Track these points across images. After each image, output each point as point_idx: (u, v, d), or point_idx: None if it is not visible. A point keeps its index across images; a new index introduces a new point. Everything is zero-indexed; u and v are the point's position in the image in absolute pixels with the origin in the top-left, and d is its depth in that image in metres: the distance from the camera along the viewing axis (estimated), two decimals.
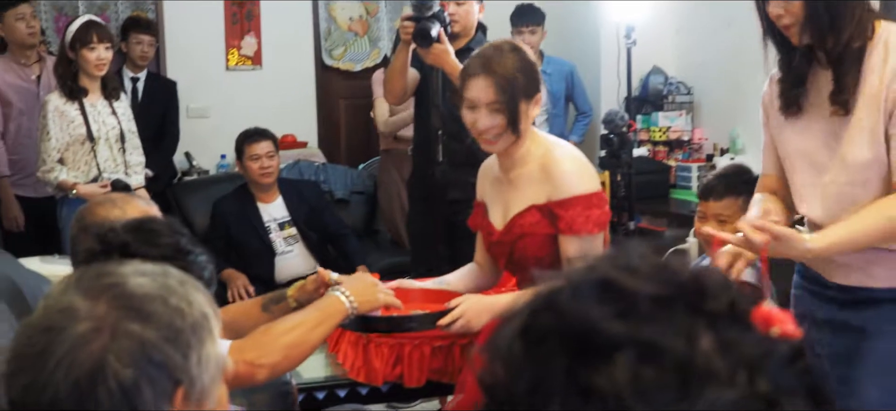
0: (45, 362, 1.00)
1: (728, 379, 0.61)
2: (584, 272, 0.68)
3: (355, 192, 5.52)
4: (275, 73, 5.90)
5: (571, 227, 2.30)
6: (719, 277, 0.68)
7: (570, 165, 2.36)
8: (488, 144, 2.37)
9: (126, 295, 1.05)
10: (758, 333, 0.65)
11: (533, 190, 2.37)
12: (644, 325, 0.63)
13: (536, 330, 0.66)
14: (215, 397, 1.11)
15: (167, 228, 1.64)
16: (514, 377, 0.65)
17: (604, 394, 0.61)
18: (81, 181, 4.00)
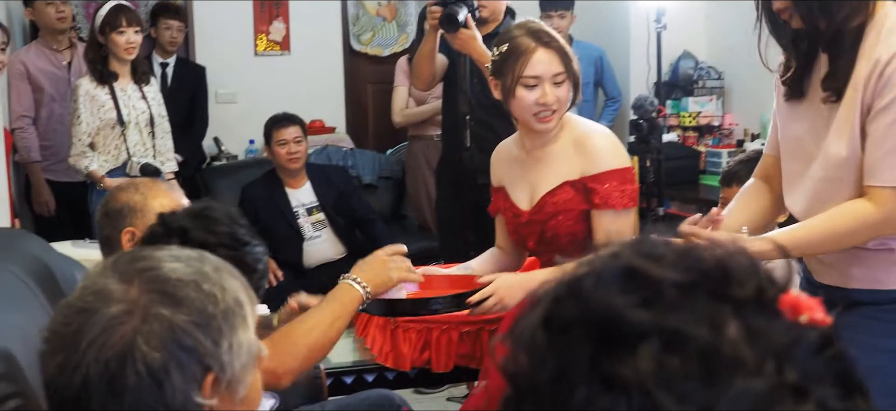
0: (78, 342, 1.01)
1: (756, 369, 0.60)
2: (608, 259, 0.67)
3: (383, 177, 5.53)
4: (303, 58, 5.91)
5: (607, 201, 2.30)
6: (746, 263, 0.66)
7: (604, 140, 2.36)
8: (545, 122, 2.31)
9: (159, 279, 1.05)
10: (786, 320, 0.64)
11: (565, 166, 2.35)
12: (668, 314, 0.62)
13: (559, 319, 0.65)
14: (247, 384, 1.11)
15: (226, 217, 1.66)
16: (537, 366, 0.65)
17: (628, 384, 0.60)
18: (111, 165, 4.03)
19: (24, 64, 4.57)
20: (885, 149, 1.80)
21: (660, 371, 0.60)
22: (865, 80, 1.81)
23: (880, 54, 1.79)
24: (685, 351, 0.60)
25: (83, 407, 1.01)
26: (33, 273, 1.93)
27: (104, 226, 2.15)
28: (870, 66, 1.80)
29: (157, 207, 2.14)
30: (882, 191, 1.82)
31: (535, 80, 2.28)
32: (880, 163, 1.81)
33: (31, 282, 1.87)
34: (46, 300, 1.88)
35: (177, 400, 1.02)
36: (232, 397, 1.09)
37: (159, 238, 1.58)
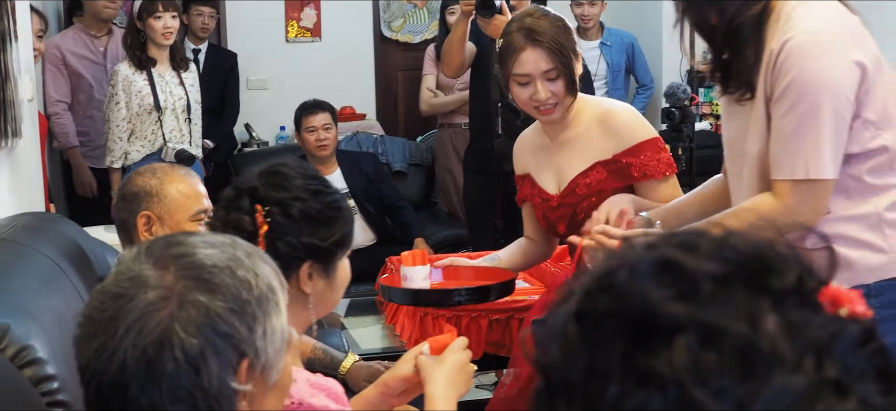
0: (115, 328, 1.02)
1: (795, 365, 0.59)
2: (642, 251, 0.65)
3: (413, 164, 5.54)
4: (334, 44, 5.92)
5: (646, 173, 2.28)
6: (786, 253, 0.64)
7: (628, 115, 2.36)
8: (547, 114, 2.31)
9: (195, 265, 1.06)
10: (826, 313, 0.62)
11: (593, 147, 2.33)
12: (705, 307, 0.61)
13: (592, 312, 0.64)
14: (280, 369, 1.11)
15: (298, 171, 1.60)
16: (569, 360, 0.64)
17: (663, 379, 0.59)
18: (147, 151, 4.07)
19: (59, 50, 4.60)
20: (780, 141, 1.77)
21: (696, 366, 0.59)
22: (764, 73, 1.77)
23: (773, 45, 1.75)
24: (722, 346, 0.59)
25: (120, 392, 1.02)
26: (68, 256, 1.95)
27: (121, 209, 2.16)
28: (766, 58, 1.76)
29: (173, 192, 2.14)
30: (780, 183, 1.79)
31: (526, 78, 2.27)
32: (776, 156, 1.79)
33: (66, 265, 1.89)
34: (80, 283, 1.90)
35: (213, 385, 1.02)
36: (265, 382, 1.09)
37: (230, 202, 1.56)
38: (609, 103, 2.40)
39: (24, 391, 1.32)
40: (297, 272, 1.55)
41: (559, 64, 2.25)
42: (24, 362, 1.38)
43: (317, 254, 1.56)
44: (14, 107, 2.35)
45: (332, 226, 1.57)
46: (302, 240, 1.54)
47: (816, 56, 1.73)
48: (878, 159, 1.80)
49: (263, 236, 1.51)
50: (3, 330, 1.38)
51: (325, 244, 1.56)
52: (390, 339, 2.73)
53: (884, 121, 1.78)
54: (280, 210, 1.53)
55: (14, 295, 1.52)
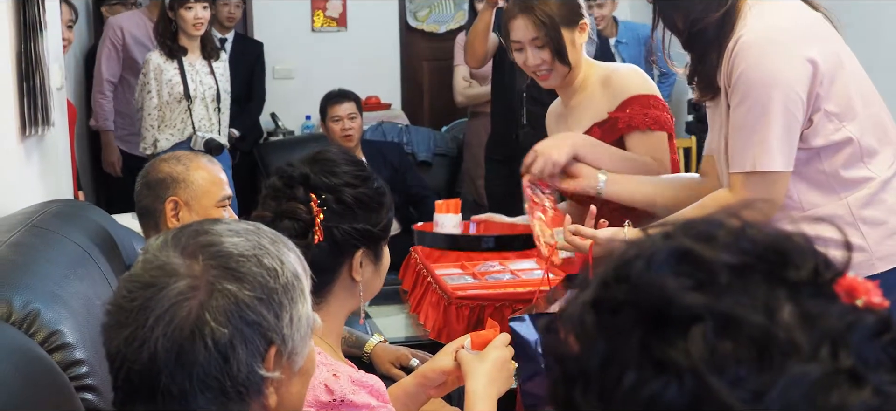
0: (145, 317, 1.03)
1: (811, 354, 0.59)
2: (659, 241, 0.65)
3: (438, 154, 5.54)
4: (359, 34, 5.93)
5: (630, 124, 2.30)
6: (802, 244, 0.65)
7: (628, 71, 2.40)
8: (544, 80, 2.39)
9: (222, 254, 1.06)
10: (842, 304, 0.62)
11: (593, 108, 2.38)
12: (722, 297, 0.61)
13: (609, 301, 0.64)
14: (305, 355, 1.12)
15: (343, 157, 1.62)
16: (586, 350, 0.64)
17: (679, 368, 0.59)
18: (176, 139, 4.10)
19: (121, 30, 4.64)
20: (732, 134, 1.82)
21: (712, 355, 0.59)
22: (723, 70, 1.82)
23: (732, 43, 1.80)
24: (738, 336, 0.59)
25: (150, 380, 1.03)
26: (96, 243, 1.98)
27: (144, 196, 2.19)
28: (725, 56, 1.81)
29: (198, 179, 2.16)
30: (733, 176, 1.83)
31: (519, 44, 2.35)
32: (730, 150, 1.83)
33: (94, 251, 1.91)
34: (109, 269, 1.92)
35: (241, 372, 1.03)
36: (291, 368, 1.10)
37: (280, 192, 1.56)
38: (614, 65, 2.43)
39: (53, 375, 1.34)
40: (351, 259, 1.56)
41: (544, 35, 2.30)
42: (54, 346, 1.40)
43: (369, 240, 1.57)
44: (45, 96, 2.38)
45: (381, 212, 1.59)
46: (356, 226, 1.55)
47: (765, 52, 1.76)
48: (846, 152, 1.82)
49: (320, 224, 1.52)
50: (33, 314, 1.40)
51: (377, 229, 1.58)
52: (414, 328, 2.74)
53: (847, 113, 1.81)
54: (334, 197, 1.54)
55: (44, 280, 1.54)
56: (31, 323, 1.39)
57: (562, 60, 2.33)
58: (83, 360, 1.42)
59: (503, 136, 3.89)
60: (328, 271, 1.53)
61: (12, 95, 2.25)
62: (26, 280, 1.49)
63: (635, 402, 0.60)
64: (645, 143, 2.31)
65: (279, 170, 1.60)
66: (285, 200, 1.55)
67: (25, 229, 1.77)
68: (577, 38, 2.34)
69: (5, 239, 1.66)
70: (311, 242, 1.50)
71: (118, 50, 4.64)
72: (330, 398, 1.42)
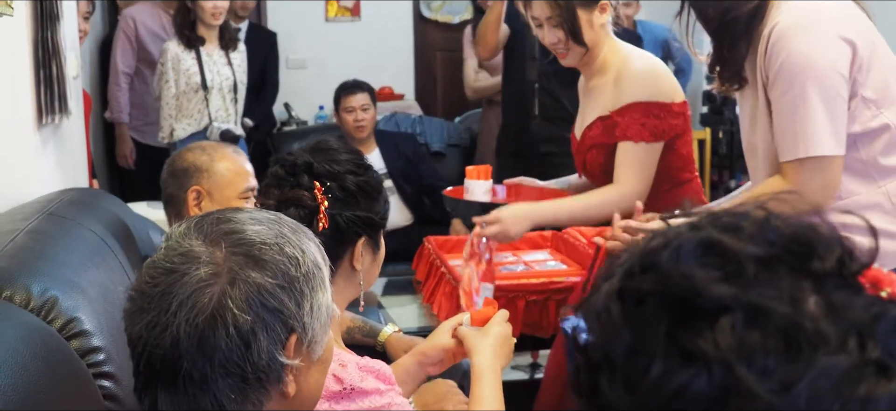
0: (168, 303, 1.04)
1: (839, 345, 0.59)
2: (686, 232, 0.66)
3: (451, 145, 5.53)
4: (373, 24, 5.93)
5: (625, 133, 2.31)
6: (827, 235, 0.65)
7: (641, 70, 2.34)
8: (561, 58, 2.41)
9: (245, 242, 1.07)
10: (867, 295, 0.62)
11: (602, 101, 2.38)
12: (749, 288, 0.61)
13: (635, 291, 0.65)
14: (324, 344, 1.13)
15: (342, 146, 1.64)
16: (611, 339, 0.64)
17: (708, 359, 0.59)
18: (193, 129, 4.12)
19: (134, 21, 4.66)
20: (780, 123, 1.80)
21: (741, 345, 0.59)
22: (759, 61, 1.81)
23: (765, 31, 1.79)
24: (766, 327, 0.60)
25: (171, 365, 1.04)
26: (112, 231, 1.99)
27: (169, 184, 2.21)
28: (760, 46, 1.80)
29: (222, 169, 2.19)
30: (786, 165, 1.82)
31: (537, 20, 2.37)
32: (778, 139, 1.82)
33: (111, 239, 1.92)
34: (125, 257, 1.93)
35: (262, 359, 1.05)
36: (310, 357, 1.11)
37: (283, 180, 1.57)
38: (633, 58, 2.38)
39: (71, 362, 1.35)
40: (353, 248, 1.57)
41: (558, 14, 2.32)
42: (72, 333, 1.40)
43: (371, 228, 1.59)
44: (61, 84, 2.39)
45: (379, 201, 1.61)
46: (358, 213, 1.56)
47: (803, 36, 1.76)
48: (884, 139, 1.81)
49: (325, 211, 1.53)
50: (51, 301, 1.41)
51: (377, 217, 1.60)
52: (427, 318, 2.75)
53: (884, 100, 1.80)
54: (338, 185, 1.55)
55: (61, 267, 1.55)
56: (50, 311, 1.40)
57: (576, 41, 2.34)
58: (101, 348, 1.43)
59: (515, 128, 3.89)
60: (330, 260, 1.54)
61: (29, 84, 2.26)
62: (44, 267, 1.50)
63: (662, 393, 0.60)
64: (634, 154, 2.31)
65: (281, 159, 1.61)
66: (289, 188, 1.57)
67: (43, 217, 1.79)
68: (595, 18, 2.34)
69: (23, 226, 1.67)
70: (316, 230, 1.51)
71: (132, 41, 4.66)
72: (339, 387, 1.43)
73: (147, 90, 4.68)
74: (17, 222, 1.71)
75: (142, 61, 4.69)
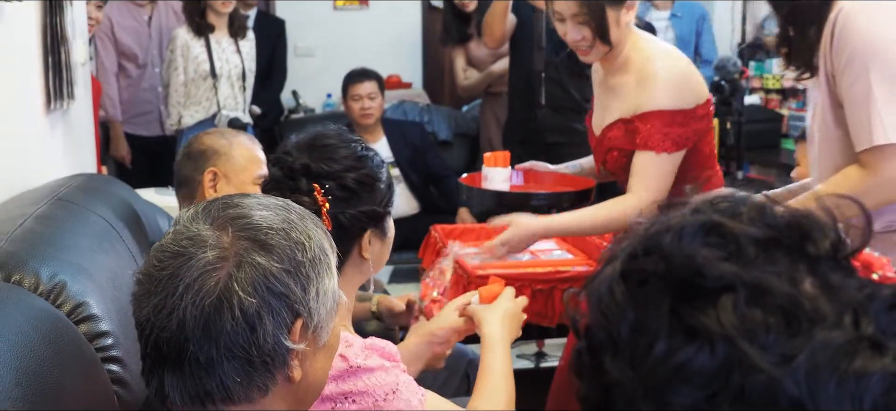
0: (175, 286, 1.04)
1: (835, 321, 0.62)
2: (688, 215, 0.68)
3: (458, 134, 5.54)
4: (381, 13, 5.93)
5: (647, 142, 2.24)
6: (821, 221, 0.68)
7: (666, 75, 2.25)
8: (583, 55, 2.32)
9: (251, 227, 1.08)
10: (859, 277, 0.66)
11: (625, 102, 2.30)
12: (750, 267, 0.64)
13: (638, 273, 0.67)
14: (329, 330, 1.14)
15: (339, 138, 1.61)
16: (615, 319, 0.66)
17: (711, 335, 0.62)
18: (201, 116, 4.13)
19: (109, 20, 4.68)
20: (855, 111, 1.73)
21: (743, 322, 0.62)
22: (823, 49, 1.75)
23: (833, 15, 1.73)
24: (767, 304, 0.62)
25: (178, 348, 1.05)
26: (120, 217, 1.99)
27: (185, 166, 2.24)
28: (825, 33, 1.75)
29: (239, 154, 2.21)
30: (865, 154, 1.74)
31: (559, 16, 2.28)
32: (854, 128, 1.74)
33: (119, 225, 1.93)
34: (133, 243, 1.94)
35: (267, 343, 1.05)
36: (316, 342, 1.12)
37: (282, 183, 1.56)
38: (658, 61, 2.29)
39: (80, 346, 1.36)
40: (360, 241, 1.58)
41: (586, 12, 2.23)
42: (80, 318, 1.41)
43: (375, 219, 1.59)
44: (69, 70, 2.39)
45: (381, 189, 1.60)
46: (361, 209, 1.56)
47: (872, 17, 1.70)
48: None
49: (326, 213, 1.53)
50: (60, 286, 1.42)
51: (381, 207, 1.59)
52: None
53: None
54: (336, 184, 1.55)
55: (70, 252, 1.56)
56: (58, 295, 1.41)
57: (603, 40, 2.26)
58: (109, 332, 1.43)
59: (521, 118, 3.88)
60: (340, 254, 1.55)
61: (38, 69, 2.26)
62: (53, 252, 1.51)
63: (666, 368, 0.63)
64: (653, 165, 2.24)
65: (278, 159, 1.60)
66: (289, 192, 1.55)
67: (52, 202, 1.79)
68: (622, 17, 2.26)
69: (32, 211, 1.68)
70: None
71: (111, 39, 4.67)
72: (346, 365, 1.44)
73: (131, 83, 4.71)
74: (26, 207, 1.72)
75: (122, 55, 4.71)
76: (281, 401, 1.10)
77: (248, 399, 1.07)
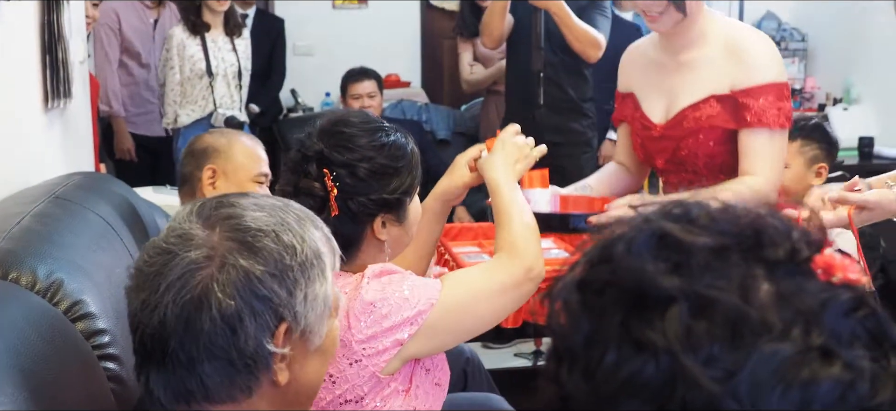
0: (159, 283, 1.05)
1: (782, 332, 0.61)
2: (640, 224, 0.67)
3: (457, 133, 5.54)
4: (380, 11, 5.93)
5: (761, 119, 2.05)
6: (780, 224, 0.67)
7: (761, 46, 2.10)
8: (653, 21, 2.14)
9: (240, 228, 1.07)
10: (819, 281, 0.64)
11: (713, 76, 2.11)
12: (698, 278, 0.63)
13: (594, 282, 0.67)
14: (322, 334, 1.12)
15: (360, 127, 1.60)
16: (572, 328, 0.66)
17: (656, 348, 0.61)
18: (197, 115, 4.13)
19: (117, 15, 4.67)
20: None
21: (687, 335, 0.61)
22: None
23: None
24: (713, 316, 0.61)
25: (161, 344, 1.05)
26: (118, 215, 2.00)
27: (187, 163, 2.27)
28: None
29: (238, 152, 2.24)
30: None
31: None
32: None
33: (117, 223, 1.93)
34: (131, 241, 1.95)
35: (249, 345, 1.05)
36: (306, 346, 1.11)
37: (298, 165, 1.59)
38: (742, 29, 2.17)
39: (76, 344, 1.37)
40: (372, 224, 1.59)
41: None
42: (77, 316, 1.42)
43: (387, 206, 1.59)
44: (66, 68, 2.40)
45: (399, 177, 1.60)
46: (371, 197, 1.57)
47: None
48: None
49: (335, 199, 1.55)
50: (57, 284, 1.42)
51: (395, 195, 1.60)
52: None
53: None
54: (347, 172, 1.56)
55: (67, 250, 1.56)
56: (55, 293, 1.42)
57: (680, 7, 2.08)
58: (105, 330, 1.44)
59: (519, 118, 3.87)
60: (352, 237, 1.58)
61: (36, 67, 2.27)
62: (50, 250, 1.51)
63: (616, 379, 0.62)
64: (771, 144, 2.08)
65: (299, 141, 1.63)
66: (302, 176, 1.58)
67: (49, 200, 1.80)
68: None
69: (29, 209, 1.69)
70: (329, 215, 1.52)
71: (116, 33, 4.67)
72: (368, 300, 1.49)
73: (132, 81, 4.71)
74: (24, 205, 1.72)
75: (125, 52, 4.71)
76: (267, 403, 1.09)
77: (231, 399, 1.07)
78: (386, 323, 1.48)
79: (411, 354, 1.51)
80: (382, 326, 1.47)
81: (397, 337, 1.48)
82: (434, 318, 1.50)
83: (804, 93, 5.31)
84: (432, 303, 1.50)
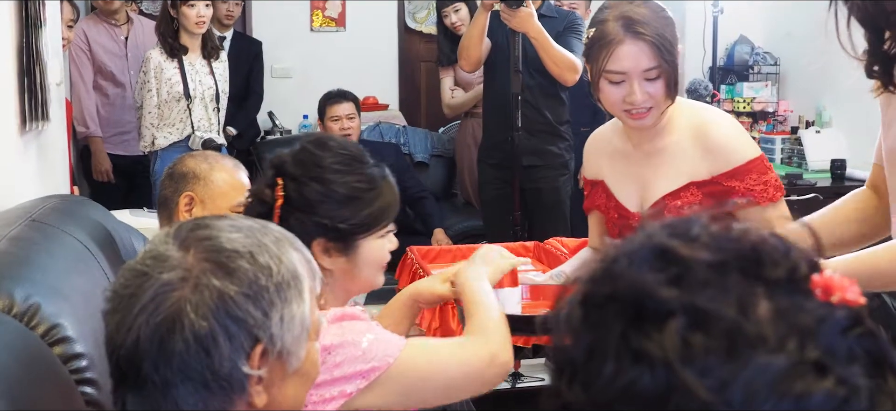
0: (133, 304, 1.04)
1: (777, 346, 0.62)
2: (641, 240, 0.69)
3: (435, 156, 5.56)
4: (358, 34, 5.95)
5: (751, 199, 1.99)
6: (780, 244, 0.68)
7: (728, 130, 2.03)
8: (638, 119, 1.97)
9: (215, 249, 1.07)
10: (816, 300, 0.66)
11: (687, 163, 2.02)
12: (697, 292, 0.64)
13: (595, 297, 0.68)
14: (301, 356, 1.12)
15: (338, 151, 1.60)
16: (574, 343, 0.68)
17: (653, 359, 0.63)
18: (175, 138, 4.11)
19: (85, 35, 4.66)
20: None
21: (684, 347, 0.63)
22: None
23: None
24: (710, 329, 0.63)
25: (135, 366, 1.04)
26: (94, 238, 1.99)
27: (166, 186, 2.22)
28: None
29: (219, 180, 2.19)
30: None
31: (621, 76, 1.92)
32: None
33: (93, 246, 1.92)
34: (107, 264, 1.94)
35: (224, 367, 1.04)
36: (284, 369, 1.10)
37: (267, 169, 1.60)
38: (706, 112, 2.08)
39: (54, 368, 1.36)
40: (311, 246, 1.55)
41: (662, 62, 1.91)
42: (54, 340, 1.41)
43: (327, 233, 1.57)
44: (44, 91, 2.39)
45: (355, 207, 1.58)
46: (313, 218, 1.55)
47: None
48: None
49: (278, 209, 1.54)
50: (33, 308, 1.41)
51: (343, 225, 1.57)
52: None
53: None
54: (295, 186, 1.56)
55: (44, 274, 1.55)
56: (32, 317, 1.41)
57: (672, 94, 1.95)
58: (83, 354, 1.43)
59: (497, 140, 3.90)
60: None
61: (13, 89, 2.26)
62: (27, 273, 1.50)
63: (613, 389, 0.64)
64: (770, 216, 1.98)
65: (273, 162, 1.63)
66: (260, 183, 1.60)
67: (26, 224, 1.79)
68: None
69: (6, 233, 1.68)
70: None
71: (87, 54, 4.66)
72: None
73: (107, 102, 4.70)
74: (0, 228, 1.71)
75: (98, 73, 4.70)
76: None
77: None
78: (336, 372, 1.44)
79: (358, 406, 1.47)
80: (332, 375, 1.43)
81: (344, 388, 1.44)
82: (387, 377, 1.46)
83: (777, 116, 5.36)
84: (389, 361, 1.46)
